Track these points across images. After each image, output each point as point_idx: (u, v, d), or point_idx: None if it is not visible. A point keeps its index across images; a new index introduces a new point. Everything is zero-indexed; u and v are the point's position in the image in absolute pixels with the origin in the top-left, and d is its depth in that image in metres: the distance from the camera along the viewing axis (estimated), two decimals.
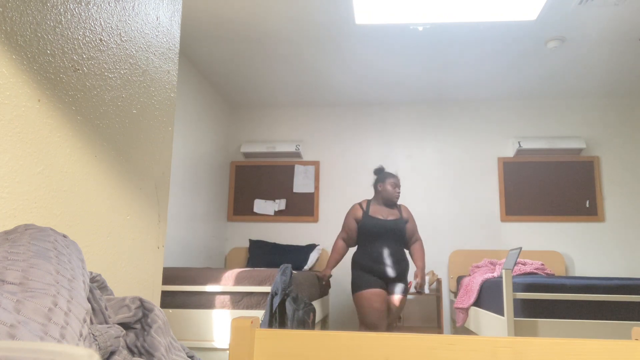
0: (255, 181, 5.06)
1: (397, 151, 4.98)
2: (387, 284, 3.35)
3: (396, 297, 3.34)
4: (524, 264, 3.41)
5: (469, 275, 3.98)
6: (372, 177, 4.96)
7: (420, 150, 4.96)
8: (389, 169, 4.95)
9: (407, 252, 4.36)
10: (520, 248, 2.80)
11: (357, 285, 3.30)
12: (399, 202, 4.53)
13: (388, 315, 3.37)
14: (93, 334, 0.67)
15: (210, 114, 4.63)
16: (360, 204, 3.50)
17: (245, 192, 5.05)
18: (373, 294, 3.25)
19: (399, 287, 3.35)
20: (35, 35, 1.00)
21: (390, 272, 3.30)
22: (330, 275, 3.56)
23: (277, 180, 5.03)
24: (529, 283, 2.59)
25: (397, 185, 3.46)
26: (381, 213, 3.43)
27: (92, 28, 1.20)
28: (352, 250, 4.86)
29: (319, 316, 3.60)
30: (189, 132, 4.11)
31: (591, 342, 0.78)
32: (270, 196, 5.01)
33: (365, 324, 3.26)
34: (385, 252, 3.32)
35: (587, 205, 4.64)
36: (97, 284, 0.89)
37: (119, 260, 1.31)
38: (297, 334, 0.82)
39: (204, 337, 2.63)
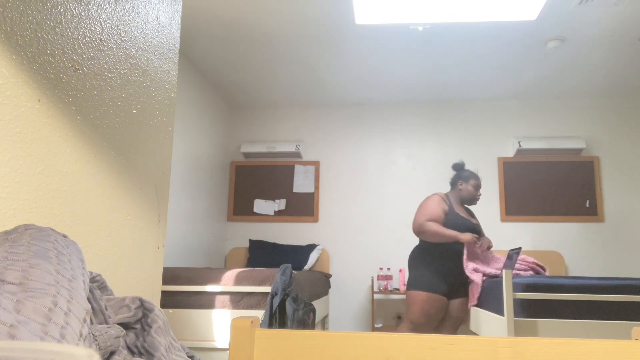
0: (255, 181, 5.06)
1: (397, 151, 4.98)
2: (450, 289, 3.11)
3: (459, 301, 3.12)
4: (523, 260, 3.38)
5: None
6: (372, 177, 4.96)
7: (420, 150, 4.96)
8: (389, 169, 4.95)
9: None
10: (520, 248, 2.80)
11: (419, 284, 3.04)
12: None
13: (446, 321, 3.17)
14: (93, 334, 0.67)
15: (210, 114, 4.63)
16: (441, 197, 3.19)
17: (245, 192, 5.05)
18: (434, 299, 3.01)
19: (462, 291, 3.13)
20: (35, 35, 1.00)
21: (460, 277, 3.09)
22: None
23: (277, 180, 5.03)
24: (529, 283, 2.59)
25: (479, 187, 3.21)
26: (463, 213, 3.19)
27: (92, 28, 1.20)
28: (409, 241, 4.76)
29: (319, 316, 3.60)
30: (189, 132, 4.11)
31: (591, 342, 0.78)
32: (270, 196, 5.01)
33: (414, 324, 3.06)
34: (460, 255, 3.09)
35: (587, 205, 4.64)
36: (97, 284, 0.89)
37: (119, 260, 1.31)
38: (297, 334, 0.82)
39: (204, 337, 2.63)
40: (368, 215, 4.89)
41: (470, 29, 3.50)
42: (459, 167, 3.31)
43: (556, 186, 4.71)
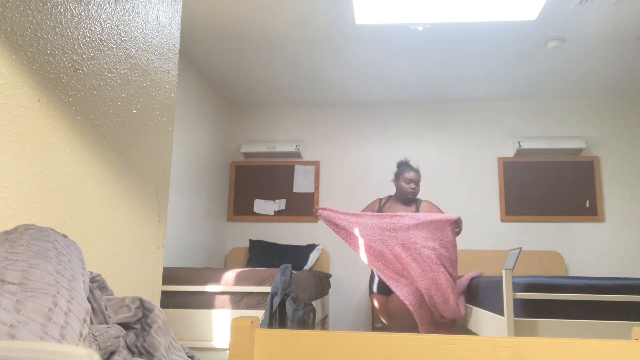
0: (255, 181, 5.06)
1: (397, 151, 4.98)
2: (387, 287, 3.12)
3: (392, 297, 3.10)
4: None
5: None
6: (372, 177, 4.97)
7: (420, 150, 4.96)
8: (389, 169, 4.94)
9: None
10: (520, 248, 2.81)
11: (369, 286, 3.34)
12: (423, 198, 4.07)
13: (398, 318, 3.18)
14: (93, 334, 0.67)
15: (210, 114, 4.63)
16: (380, 199, 3.35)
17: (245, 192, 5.05)
18: (376, 299, 3.24)
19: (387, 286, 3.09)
20: (35, 35, 1.00)
21: None
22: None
23: (277, 180, 5.03)
24: (529, 283, 2.59)
25: (412, 180, 3.20)
26: (394, 209, 3.24)
27: (92, 28, 1.20)
28: None
29: (319, 316, 3.60)
30: (189, 132, 4.11)
31: (591, 342, 0.78)
32: (270, 196, 5.01)
33: (386, 326, 3.28)
34: None
35: (587, 205, 4.64)
36: (97, 284, 0.89)
37: (119, 260, 1.31)
38: (297, 334, 0.82)
39: (204, 337, 2.63)
40: None
41: (470, 29, 3.49)
42: (397, 165, 3.36)
43: (556, 186, 4.71)
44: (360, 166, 5.00)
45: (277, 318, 2.49)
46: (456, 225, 2.92)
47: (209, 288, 2.68)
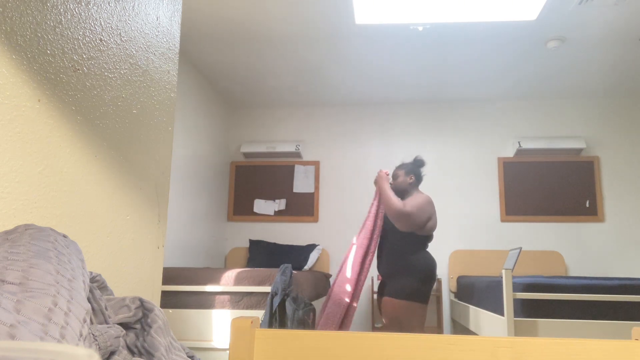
0: (255, 181, 5.06)
1: (397, 151, 4.98)
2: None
3: (380, 298, 3.05)
4: None
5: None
6: (372, 177, 4.97)
7: (420, 150, 4.96)
8: (389, 168, 4.94)
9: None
10: (520, 248, 2.81)
11: None
12: (423, 192, 4.09)
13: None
14: (93, 334, 0.67)
15: (210, 114, 4.63)
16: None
17: (245, 192, 5.05)
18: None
19: (382, 288, 3.04)
20: (35, 35, 1.00)
21: (379, 270, 3.08)
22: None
23: (277, 180, 5.03)
24: (529, 283, 2.59)
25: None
26: None
27: (92, 28, 1.20)
28: None
29: (319, 316, 3.60)
30: (189, 132, 4.11)
31: (591, 342, 0.78)
32: (270, 196, 5.01)
33: None
34: (381, 249, 3.09)
35: (587, 205, 4.64)
36: (97, 284, 0.89)
37: (119, 260, 1.31)
38: (297, 334, 0.82)
39: (204, 337, 2.63)
40: None
41: (470, 28, 3.49)
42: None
43: (556, 186, 4.71)
44: (360, 166, 5.00)
45: (277, 318, 2.49)
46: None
47: (208, 288, 2.68)
